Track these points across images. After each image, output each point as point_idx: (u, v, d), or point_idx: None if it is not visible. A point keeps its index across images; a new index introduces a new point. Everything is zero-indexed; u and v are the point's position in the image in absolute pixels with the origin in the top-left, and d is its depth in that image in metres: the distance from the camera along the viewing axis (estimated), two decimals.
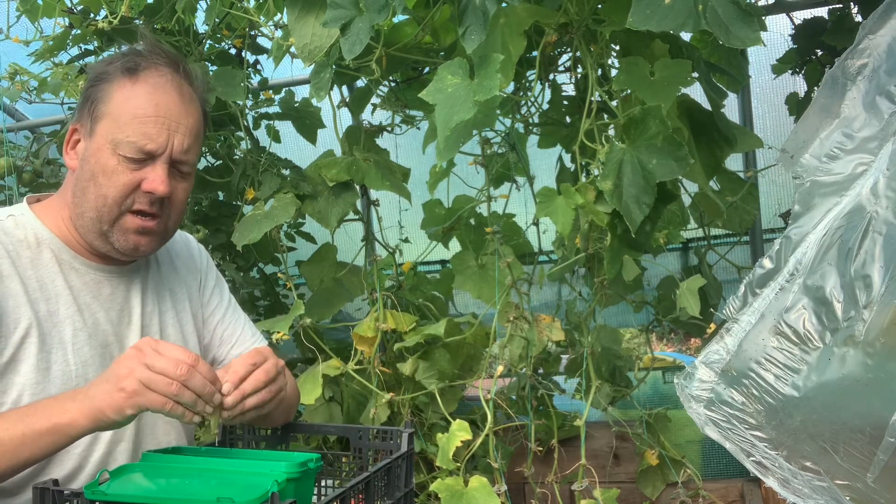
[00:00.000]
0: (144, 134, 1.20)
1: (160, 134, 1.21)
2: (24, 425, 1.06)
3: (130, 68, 1.23)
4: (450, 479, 1.73)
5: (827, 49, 2.23)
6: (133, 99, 1.21)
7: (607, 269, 1.70)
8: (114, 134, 1.20)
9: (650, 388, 2.83)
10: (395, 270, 2.30)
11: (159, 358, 1.05)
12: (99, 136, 1.21)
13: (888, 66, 1.11)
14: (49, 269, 1.23)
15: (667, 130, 1.53)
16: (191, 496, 0.97)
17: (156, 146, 1.21)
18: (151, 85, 1.23)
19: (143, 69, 1.24)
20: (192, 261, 1.48)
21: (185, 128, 1.24)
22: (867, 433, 1.00)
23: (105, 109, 1.22)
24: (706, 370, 1.21)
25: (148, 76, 1.23)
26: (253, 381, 1.14)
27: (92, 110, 1.23)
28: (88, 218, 1.23)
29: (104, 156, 1.20)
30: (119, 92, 1.22)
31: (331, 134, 2.20)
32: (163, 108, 1.22)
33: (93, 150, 1.22)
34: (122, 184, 1.21)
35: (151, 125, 1.20)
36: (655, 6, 1.37)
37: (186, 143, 1.24)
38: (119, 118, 1.21)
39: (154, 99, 1.22)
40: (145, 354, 1.06)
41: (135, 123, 1.20)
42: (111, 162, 1.20)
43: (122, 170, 1.20)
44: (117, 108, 1.21)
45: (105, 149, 1.20)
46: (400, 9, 1.63)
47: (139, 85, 1.22)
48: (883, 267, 0.99)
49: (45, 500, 0.96)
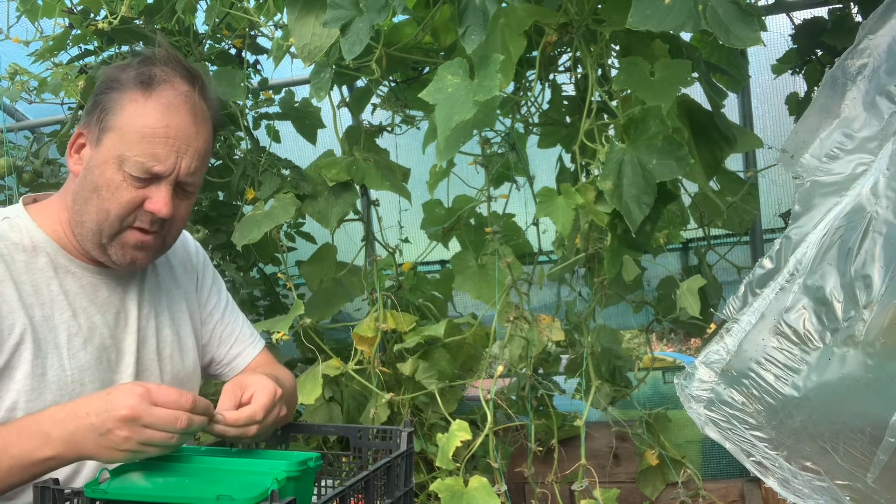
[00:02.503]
0: (153, 155, 1.17)
1: (168, 156, 1.18)
2: (10, 458, 1.04)
3: (144, 81, 1.19)
4: (450, 479, 1.74)
5: (827, 49, 2.23)
6: (144, 116, 1.18)
7: (607, 269, 1.70)
8: (121, 150, 1.17)
9: (650, 388, 2.83)
10: (395, 270, 2.30)
11: (158, 415, 1.02)
12: (105, 149, 1.18)
13: (888, 66, 1.12)
14: (44, 273, 1.22)
15: (667, 130, 1.53)
16: (191, 494, 0.97)
17: (163, 168, 1.18)
18: (164, 104, 1.18)
19: (157, 83, 1.20)
20: (188, 260, 1.47)
21: (194, 150, 1.21)
22: (867, 433, 1.00)
23: (114, 122, 1.19)
24: (706, 370, 1.21)
25: (162, 92, 1.19)
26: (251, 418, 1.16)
27: (101, 119, 1.20)
28: (89, 229, 1.21)
29: (109, 170, 1.18)
30: (130, 105, 1.19)
31: (331, 134, 2.20)
32: (173, 130, 1.18)
33: (98, 162, 1.19)
34: (125, 201, 1.18)
35: (161, 146, 1.17)
36: (655, 6, 1.37)
37: (194, 166, 1.22)
38: (127, 134, 1.17)
39: (166, 119, 1.18)
40: (142, 415, 1.01)
41: (144, 143, 1.17)
42: (116, 178, 1.18)
43: (126, 187, 1.18)
44: (127, 122, 1.18)
45: (111, 163, 1.18)
46: (400, 9, 1.63)
47: (152, 101, 1.18)
48: (883, 267, 0.99)
49: (46, 499, 0.96)
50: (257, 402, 1.17)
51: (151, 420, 1.01)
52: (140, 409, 1.01)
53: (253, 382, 1.21)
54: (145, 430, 1.01)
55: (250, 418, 1.15)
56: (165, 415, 1.02)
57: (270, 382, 1.21)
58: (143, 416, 1.01)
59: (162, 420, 1.01)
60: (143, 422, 1.01)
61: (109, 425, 1.01)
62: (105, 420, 1.02)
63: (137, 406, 1.01)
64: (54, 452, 1.04)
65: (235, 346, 1.48)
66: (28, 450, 1.04)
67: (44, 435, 1.05)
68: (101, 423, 1.02)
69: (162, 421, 1.02)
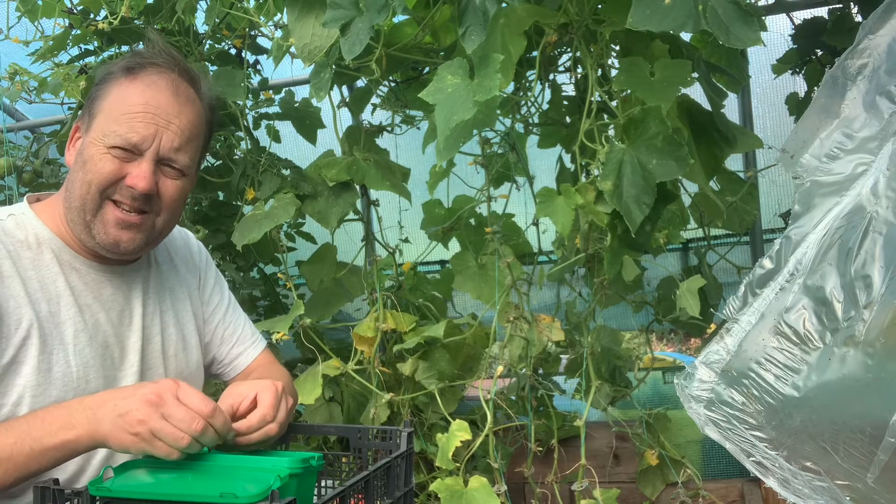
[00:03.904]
0: (131, 127, 1.20)
1: (147, 128, 1.21)
2: (32, 440, 1.06)
3: (130, 67, 1.25)
4: (450, 479, 1.74)
5: (827, 49, 2.23)
6: (127, 96, 1.22)
7: (607, 269, 1.70)
8: (104, 127, 1.21)
9: (650, 388, 2.83)
10: (395, 270, 2.30)
11: (178, 409, 1.03)
12: (93, 131, 1.23)
13: (888, 66, 1.11)
14: (50, 270, 1.23)
15: (667, 130, 1.53)
16: (194, 492, 0.97)
17: (140, 139, 1.20)
18: (146, 83, 1.23)
19: (142, 68, 1.25)
20: (191, 259, 1.48)
21: (176, 126, 1.23)
22: (867, 433, 1.00)
23: (101, 106, 1.23)
24: (706, 370, 1.21)
25: (146, 75, 1.24)
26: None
27: (91, 108, 1.25)
28: (75, 208, 1.22)
29: (94, 147, 1.21)
30: (116, 89, 1.24)
31: (331, 134, 2.20)
32: (153, 105, 1.22)
33: (86, 144, 1.23)
34: (106, 171, 1.20)
35: (139, 120, 1.21)
36: (655, 6, 1.37)
37: (177, 142, 1.24)
38: (111, 112, 1.22)
39: (146, 95, 1.22)
40: (165, 403, 1.03)
41: (124, 118, 1.21)
42: (99, 152, 1.21)
43: (108, 159, 1.21)
44: (112, 103, 1.23)
45: (96, 141, 1.21)
46: (400, 9, 1.63)
47: (136, 83, 1.23)
48: (883, 267, 0.99)
49: (46, 499, 0.96)
50: (264, 403, 1.18)
51: (170, 412, 1.03)
52: (164, 398, 1.04)
53: (250, 388, 1.21)
54: (161, 420, 1.03)
55: (263, 419, 1.16)
56: (185, 412, 1.03)
57: (267, 381, 1.22)
58: (164, 405, 1.03)
59: (180, 415, 1.03)
60: (163, 410, 1.03)
61: (131, 406, 1.04)
62: (129, 401, 1.05)
63: (164, 394, 1.04)
64: (75, 435, 1.06)
65: (237, 346, 1.48)
66: (50, 431, 1.06)
67: (68, 417, 1.07)
68: (124, 403, 1.05)
69: (180, 417, 1.03)
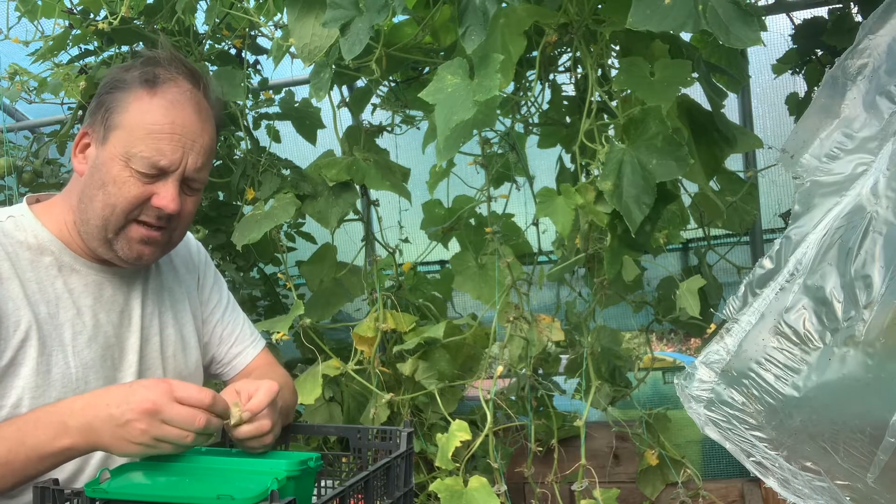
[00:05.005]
0: (158, 150, 1.19)
1: (175, 151, 1.20)
2: (28, 448, 1.05)
3: (149, 80, 1.22)
4: (449, 479, 1.73)
5: (827, 49, 2.23)
6: (149, 113, 1.20)
7: (607, 269, 1.70)
8: (127, 147, 1.19)
9: (650, 388, 2.83)
10: (395, 270, 2.30)
11: (178, 411, 1.03)
12: (112, 146, 1.20)
13: (888, 66, 1.11)
14: (49, 271, 1.23)
15: (667, 130, 1.53)
16: (191, 494, 0.97)
17: (169, 163, 1.20)
18: (169, 100, 1.21)
19: (161, 82, 1.22)
20: (190, 259, 1.48)
21: (199, 146, 1.23)
22: (867, 433, 1.00)
23: (120, 120, 1.20)
24: (706, 370, 1.21)
25: (167, 90, 1.22)
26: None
27: (106, 118, 1.21)
28: (94, 225, 1.21)
29: (116, 167, 1.19)
30: (136, 104, 1.20)
31: (331, 134, 2.20)
32: (179, 126, 1.20)
33: (104, 160, 1.20)
34: (132, 196, 1.19)
35: (166, 142, 1.19)
36: (655, 6, 1.37)
37: (200, 162, 1.23)
38: (134, 131, 1.19)
39: (171, 115, 1.20)
40: (163, 409, 1.02)
41: (150, 139, 1.18)
42: (123, 174, 1.19)
43: (133, 182, 1.19)
44: (133, 120, 1.20)
45: (117, 160, 1.19)
46: (400, 9, 1.63)
47: (157, 99, 1.21)
48: (883, 267, 0.99)
49: (46, 499, 0.96)
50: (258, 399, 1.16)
51: (171, 416, 1.02)
52: (161, 404, 1.02)
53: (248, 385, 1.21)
54: (163, 425, 1.02)
55: (261, 405, 1.15)
56: (185, 412, 1.03)
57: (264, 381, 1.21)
58: (163, 411, 1.02)
59: (181, 417, 1.03)
60: (163, 417, 1.02)
61: (129, 416, 1.03)
62: (125, 411, 1.03)
63: (159, 400, 1.03)
64: (71, 442, 1.05)
65: (236, 346, 1.48)
66: (45, 440, 1.06)
67: (61, 424, 1.06)
68: (120, 414, 1.03)
69: (181, 418, 1.03)
